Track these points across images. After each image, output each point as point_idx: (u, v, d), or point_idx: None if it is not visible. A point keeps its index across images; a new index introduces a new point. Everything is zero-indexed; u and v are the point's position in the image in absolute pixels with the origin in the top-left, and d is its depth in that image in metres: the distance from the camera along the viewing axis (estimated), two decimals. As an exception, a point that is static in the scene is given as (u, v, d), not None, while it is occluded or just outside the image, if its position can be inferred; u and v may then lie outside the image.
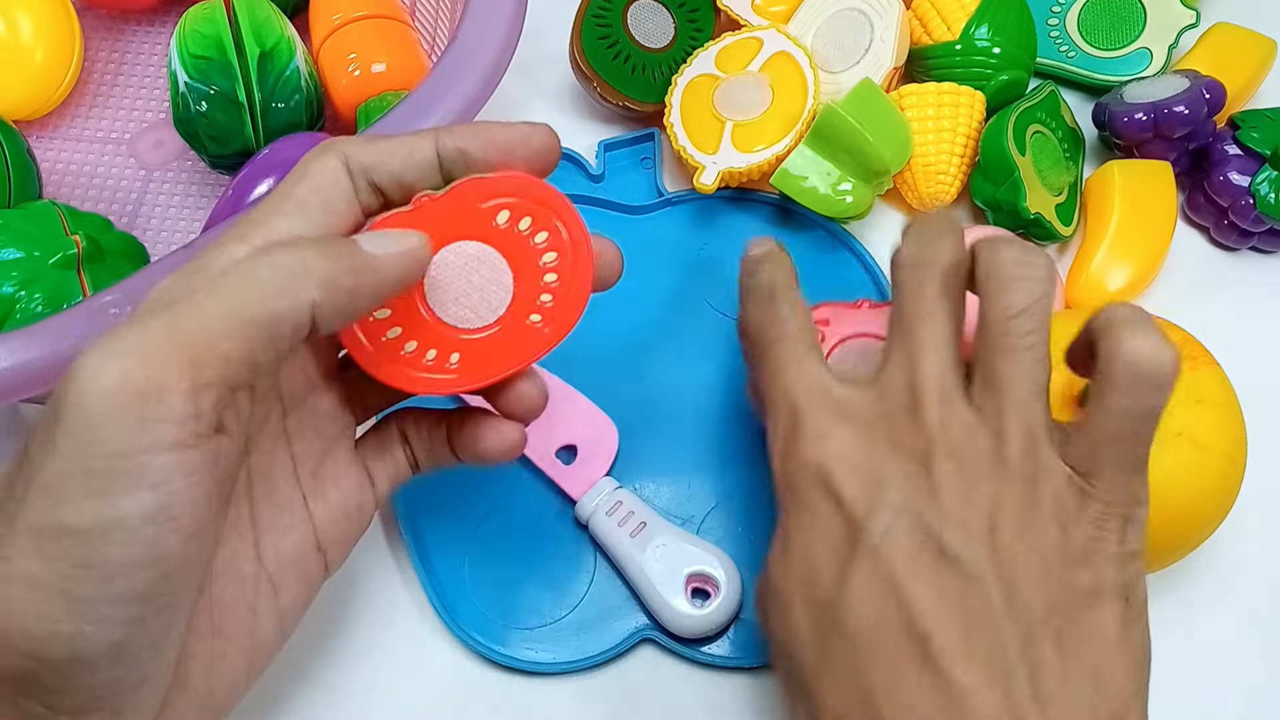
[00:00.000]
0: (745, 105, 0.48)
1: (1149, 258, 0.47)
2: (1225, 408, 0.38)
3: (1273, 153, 0.47)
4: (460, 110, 0.39)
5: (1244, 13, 0.55)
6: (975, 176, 0.48)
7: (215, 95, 0.45)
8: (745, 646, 0.40)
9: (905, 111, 0.49)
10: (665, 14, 0.52)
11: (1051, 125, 0.49)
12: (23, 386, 0.35)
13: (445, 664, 0.41)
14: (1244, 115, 0.49)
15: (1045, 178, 0.48)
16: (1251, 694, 0.40)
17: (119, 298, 0.35)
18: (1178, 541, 0.38)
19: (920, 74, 0.52)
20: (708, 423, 0.45)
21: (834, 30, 0.50)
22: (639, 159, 0.51)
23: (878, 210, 0.50)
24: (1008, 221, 0.47)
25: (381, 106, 0.47)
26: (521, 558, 0.42)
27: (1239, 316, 0.48)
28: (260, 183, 0.43)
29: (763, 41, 0.49)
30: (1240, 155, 0.48)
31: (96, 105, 0.53)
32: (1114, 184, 0.48)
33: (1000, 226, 0.47)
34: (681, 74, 0.50)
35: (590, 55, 0.50)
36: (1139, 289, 0.47)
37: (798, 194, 0.46)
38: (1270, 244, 0.49)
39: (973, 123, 0.49)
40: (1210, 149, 0.49)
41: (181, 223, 0.50)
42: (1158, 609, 0.41)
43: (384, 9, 0.49)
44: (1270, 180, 0.47)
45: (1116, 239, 0.47)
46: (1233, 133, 0.48)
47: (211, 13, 0.46)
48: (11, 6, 0.49)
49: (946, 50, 0.50)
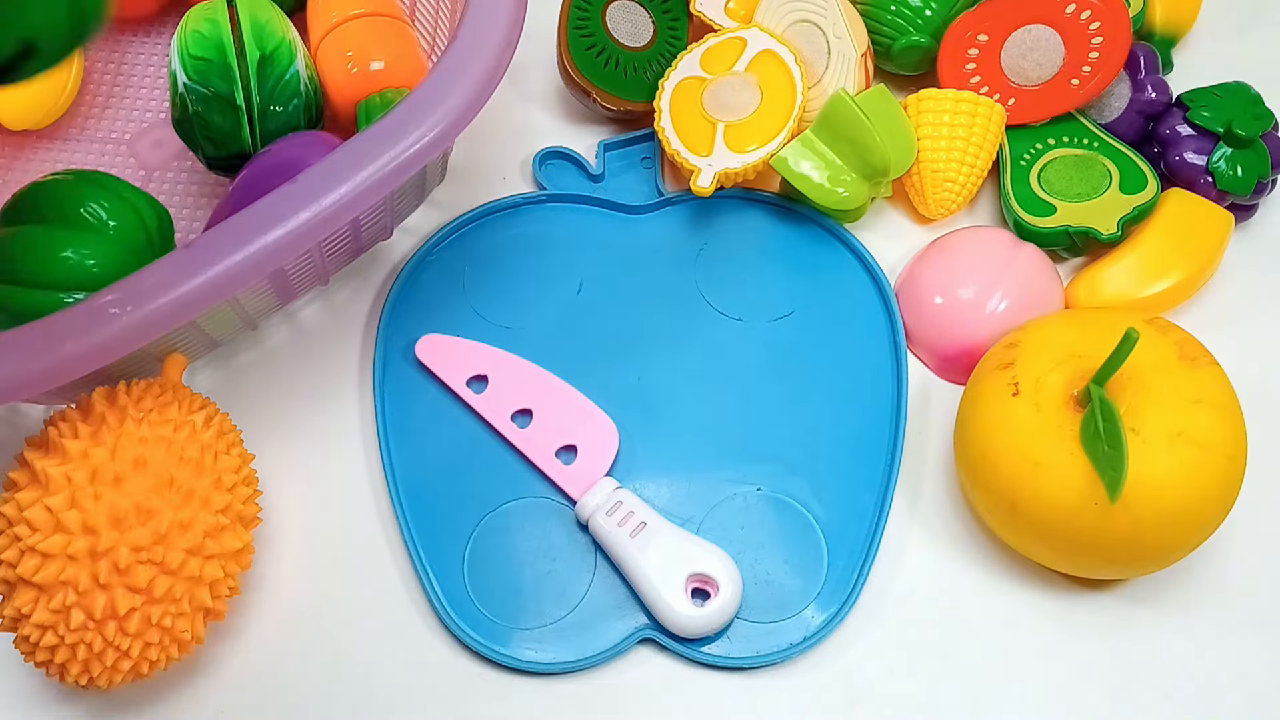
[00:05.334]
0: (735, 106, 0.48)
1: (1165, 284, 0.47)
2: (1225, 408, 0.38)
3: (1225, 130, 0.47)
4: (461, 110, 0.39)
5: (1245, 14, 0.55)
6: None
7: (213, 97, 0.45)
8: (745, 646, 0.40)
9: (920, 115, 0.49)
10: (642, 12, 0.52)
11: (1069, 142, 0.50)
12: (23, 386, 0.35)
13: (445, 664, 0.41)
14: (1192, 95, 0.49)
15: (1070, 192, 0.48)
16: (1251, 694, 0.40)
17: (119, 298, 0.35)
18: (1178, 541, 0.38)
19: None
20: (707, 422, 0.45)
21: (794, 45, 0.50)
22: (639, 159, 0.51)
23: (879, 211, 0.51)
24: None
25: (381, 104, 0.47)
26: (521, 558, 0.42)
27: (1238, 316, 0.48)
28: (260, 183, 0.43)
29: (746, 41, 0.49)
30: (1193, 135, 0.48)
31: (96, 106, 0.53)
32: (1163, 210, 0.47)
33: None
34: (668, 78, 0.50)
35: (580, 64, 0.50)
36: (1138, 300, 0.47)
37: (794, 179, 0.46)
38: (1236, 217, 0.49)
39: (988, 134, 0.49)
40: (1160, 129, 0.49)
41: (182, 222, 0.50)
42: (1158, 609, 0.42)
43: (382, 7, 0.49)
44: (1227, 158, 0.47)
45: (1139, 257, 0.47)
46: (1183, 113, 0.49)
47: (213, 14, 0.46)
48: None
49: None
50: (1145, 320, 0.40)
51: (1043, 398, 0.38)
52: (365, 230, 0.45)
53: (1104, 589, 0.42)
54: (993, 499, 0.40)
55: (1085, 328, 0.40)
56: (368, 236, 0.46)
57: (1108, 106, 0.51)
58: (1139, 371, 0.37)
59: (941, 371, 0.46)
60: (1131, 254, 0.47)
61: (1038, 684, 0.40)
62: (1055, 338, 0.40)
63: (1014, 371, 0.39)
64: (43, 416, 0.44)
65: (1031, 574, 0.42)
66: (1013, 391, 0.39)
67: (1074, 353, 0.39)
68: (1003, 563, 0.42)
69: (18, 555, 0.35)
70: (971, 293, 0.45)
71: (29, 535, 0.35)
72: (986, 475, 0.39)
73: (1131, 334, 0.36)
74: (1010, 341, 0.41)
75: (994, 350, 0.42)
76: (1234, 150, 0.48)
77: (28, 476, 0.36)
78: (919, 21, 0.51)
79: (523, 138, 0.52)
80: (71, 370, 0.35)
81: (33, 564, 0.34)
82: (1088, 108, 0.51)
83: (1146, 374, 0.38)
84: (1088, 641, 0.41)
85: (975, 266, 0.46)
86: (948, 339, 0.45)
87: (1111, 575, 0.41)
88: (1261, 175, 0.48)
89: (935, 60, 0.51)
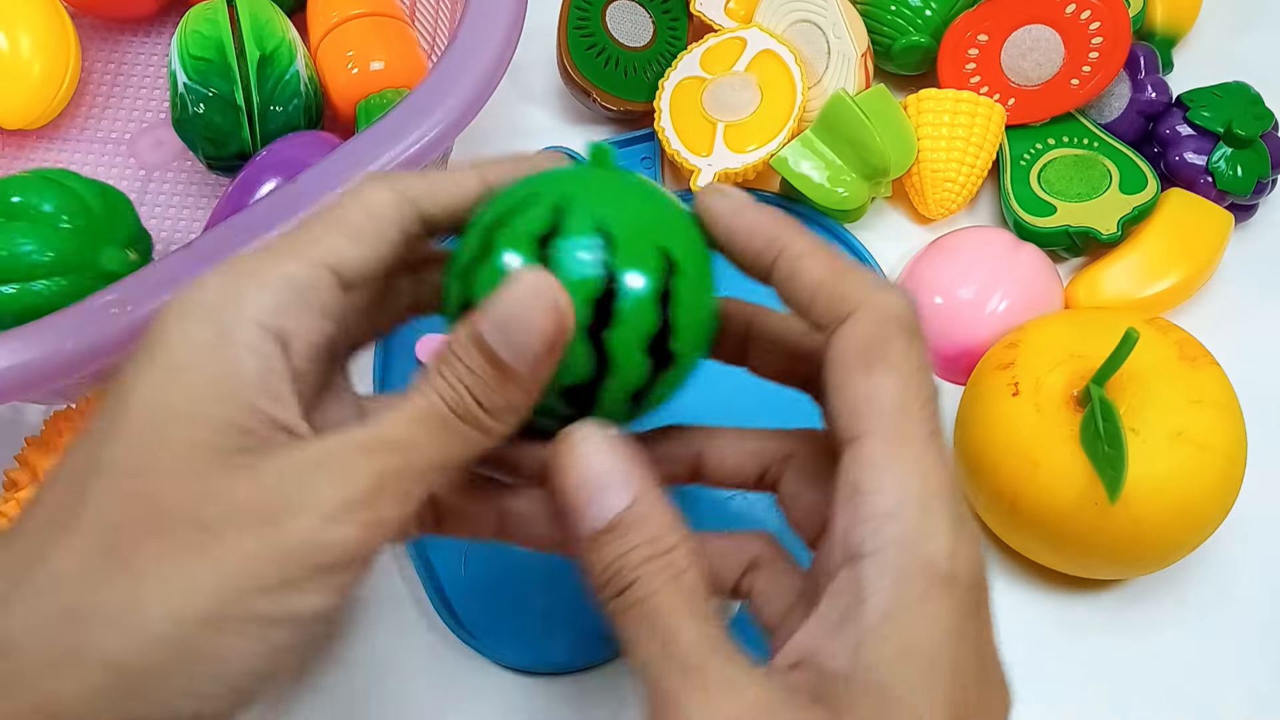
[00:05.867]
0: (735, 106, 0.48)
1: (1165, 284, 0.47)
2: (1225, 408, 0.38)
3: (1225, 130, 0.47)
4: (461, 110, 0.39)
5: (1245, 14, 0.55)
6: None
7: (213, 98, 0.45)
8: (744, 646, 0.40)
9: (920, 115, 0.49)
10: (642, 12, 0.52)
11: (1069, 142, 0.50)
12: (23, 386, 0.35)
13: (445, 664, 0.41)
14: (1192, 95, 0.49)
15: (1070, 191, 0.48)
16: (1251, 694, 0.40)
17: (119, 298, 0.35)
18: (1178, 541, 0.38)
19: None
20: (706, 421, 0.45)
21: (794, 45, 0.50)
22: (639, 159, 0.51)
23: (879, 211, 0.51)
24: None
25: (381, 104, 0.47)
26: (521, 557, 0.42)
27: (1238, 316, 0.48)
28: (261, 183, 0.43)
29: (746, 41, 0.49)
30: (1193, 135, 0.48)
31: (96, 106, 0.53)
32: (1163, 210, 0.47)
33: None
34: (668, 78, 0.50)
35: (580, 64, 0.50)
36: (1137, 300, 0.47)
37: (794, 179, 0.46)
38: (1236, 217, 0.49)
39: (988, 134, 0.49)
40: (1160, 129, 0.49)
41: (182, 222, 0.50)
42: (1158, 609, 0.42)
43: (382, 7, 0.49)
44: (1227, 158, 0.47)
45: (1139, 258, 0.47)
46: (1183, 113, 0.49)
47: (213, 13, 0.46)
48: (10, 22, 0.49)
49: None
50: (1145, 320, 0.39)
51: (1043, 398, 0.38)
52: (365, 230, 0.45)
53: (1104, 589, 0.42)
54: (992, 499, 0.40)
55: (1085, 328, 0.40)
56: (368, 236, 0.46)
57: (1108, 106, 0.51)
58: (1139, 371, 0.37)
59: (941, 371, 0.46)
60: (1131, 254, 0.47)
61: (1037, 684, 0.40)
62: (1055, 338, 0.40)
63: (1014, 371, 0.39)
64: (43, 416, 0.44)
65: (1031, 574, 0.42)
66: (1013, 391, 0.39)
67: (1074, 353, 0.39)
68: (1003, 562, 0.42)
69: (18, 555, 0.35)
70: (971, 293, 0.45)
71: (29, 535, 0.35)
72: (986, 475, 0.39)
73: (1131, 334, 0.36)
74: (1010, 341, 0.41)
75: (994, 350, 0.42)
76: (1234, 150, 0.48)
77: (28, 476, 0.36)
78: (919, 21, 0.51)
79: (523, 138, 0.52)
80: (71, 370, 0.35)
81: (33, 564, 0.34)
82: (1088, 108, 0.51)
83: (1146, 374, 0.38)
84: (1088, 641, 0.41)
85: (975, 266, 0.46)
86: (947, 339, 0.45)
87: (1111, 575, 0.41)
88: (1261, 175, 0.48)
89: (935, 60, 0.51)
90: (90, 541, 0.21)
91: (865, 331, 0.24)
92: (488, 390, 0.24)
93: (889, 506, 0.23)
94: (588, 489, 0.24)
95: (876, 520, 0.23)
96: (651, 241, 0.25)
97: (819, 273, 0.25)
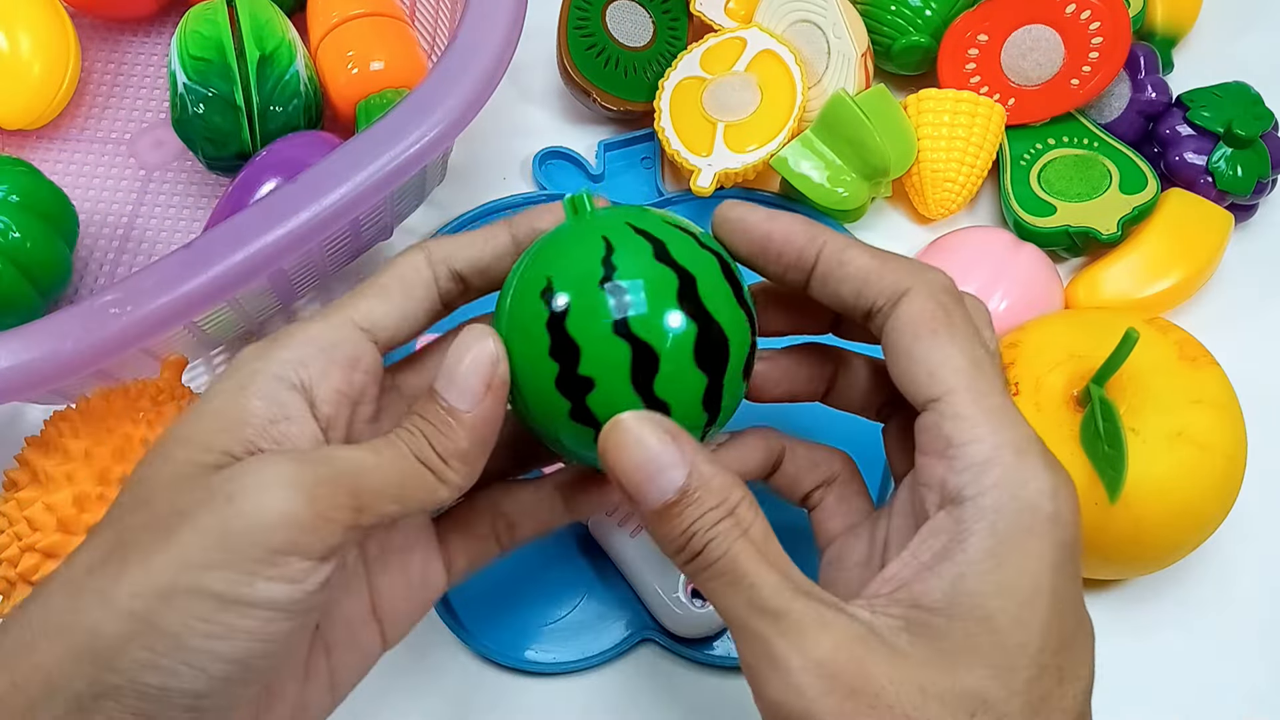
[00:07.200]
0: (735, 106, 0.48)
1: (1165, 284, 0.47)
2: (1225, 408, 0.38)
3: (1225, 130, 0.47)
4: (461, 110, 0.39)
5: (1245, 14, 0.55)
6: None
7: (213, 98, 0.45)
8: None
9: (920, 115, 0.49)
10: (642, 12, 0.52)
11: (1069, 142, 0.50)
12: (23, 386, 0.35)
13: (446, 664, 0.41)
14: (1192, 95, 0.49)
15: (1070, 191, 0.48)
16: (1251, 694, 0.40)
17: (119, 298, 0.35)
18: (1178, 541, 0.38)
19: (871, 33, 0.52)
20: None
21: (794, 44, 0.50)
22: (639, 159, 0.51)
23: (879, 211, 0.51)
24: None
25: (381, 104, 0.47)
26: (522, 558, 0.42)
27: (1238, 316, 0.48)
28: (261, 183, 0.43)
29: (746, 41, 0.49)
30: (1193, 135, 0.48)
31: (96, 106, 0.53)
32: (1163, 210, 0.48)
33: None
34: (668, 78, 0.50)
35: (580, 64, 0.50)
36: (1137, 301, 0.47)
37: (794, 179, 0.46)
38: (1236, 217, 0.49)
39: (988, 134, 0.49)
40: (1160, 129, 0.49)
41: (182, 222, 0.50)
42: (1158, 609, 0.42)
43: (382, 7, 0.49)
44: (1227, 158, 0.48)
45: (1139, 258, 0.47)
46: (1183, 113, 0.49)
47: (213, 14, 0.46)
48: (10, 22, 0.49)
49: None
50: (1145, 320, 0.40)
51: (1043, 398, 0.38)
52: (365, 230, 0.45)
53: (1104, 589, 0.42)
54: (993, 499, 0.40)
55: (1085, 328, 0.40)
56: (368, 236, 0.46)
57: (1108, 106, 0.51)
58: (1139, 371, 0.37)
59: (941, 371, 0.46)
60: (1131, 254, 0.47)
61: (1038, 684, 0.40)
62: (1055, 338, 0.40)
63: (1014, 371, 0.39)
64: (43, 417, 0.44)
65: (1031, 574, 0.42)
66: (1013, 391, 0.39)
67: (1074, 353, 0.39)
68: (1003, 563, 0.42)
69: (18, 554, 0.35)
70: (971, 292, 0.45)
71: (29, 534, 0.35)
72: (986, 475, 0.39)
73: (1131, 334, 0.36)
74: (1010, 341, 0.41)
75: (994, 350, 0.42)
76: (1234, 150, 0.48)
77: (28, 476, 0.36)
78: (919, 21, 0.51)
79: (523, 138, 0.52)
80: (71, 370, 0.35)
81: (33, 563, 0.34)
82: (1088, 108, 0.51)
83: (1146, 374, 0.38)
84: (1088, 641, 0.41)
85: (975, 266, 0.46)
86: (948, 339, 0.45)
87: (1111, 575, 0.41)
88: (1261, 175, 0.48)
89: (935, 60, 0.51)
90: (107, 538, 0.25)
91: (926, 304, 0.27)
92: (439, 435, 0.27)
93: (985, 454, 0.25)
94: (647, 468, 0.26)
95: (975, 469, 0.25)
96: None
97: (865, 260, 0.28)
